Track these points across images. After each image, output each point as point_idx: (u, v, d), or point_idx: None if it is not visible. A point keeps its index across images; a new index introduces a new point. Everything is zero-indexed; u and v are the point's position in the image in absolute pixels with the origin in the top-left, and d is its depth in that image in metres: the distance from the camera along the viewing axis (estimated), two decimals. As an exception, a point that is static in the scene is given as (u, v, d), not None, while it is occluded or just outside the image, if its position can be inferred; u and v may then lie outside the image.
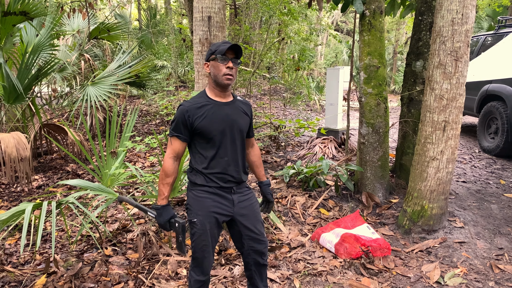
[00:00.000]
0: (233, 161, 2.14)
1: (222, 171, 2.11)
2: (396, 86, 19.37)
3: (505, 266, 3.06)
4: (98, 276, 2.92)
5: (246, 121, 2.21)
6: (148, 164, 5.53)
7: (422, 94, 4.14)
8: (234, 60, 2.06)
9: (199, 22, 4.06)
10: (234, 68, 2.08)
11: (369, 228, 3.49)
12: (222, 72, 2.04)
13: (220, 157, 2.10)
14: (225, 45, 2.03)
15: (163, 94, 8.47)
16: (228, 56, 2.05)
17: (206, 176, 2.11)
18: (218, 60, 2.03)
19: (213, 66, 2.07)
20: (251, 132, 2.35)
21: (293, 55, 10.17)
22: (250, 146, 2.40)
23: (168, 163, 2.10)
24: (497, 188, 4.62)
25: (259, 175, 2.44)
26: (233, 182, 2.16)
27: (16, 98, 4.86)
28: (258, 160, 2.43)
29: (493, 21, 12.77)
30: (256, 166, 2.43)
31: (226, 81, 2.05)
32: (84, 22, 7.47)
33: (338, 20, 23.61)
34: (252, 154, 2.41)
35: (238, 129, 2.14)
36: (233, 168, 2.14)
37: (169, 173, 2.10)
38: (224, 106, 2.12)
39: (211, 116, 2.07)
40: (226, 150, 2.11)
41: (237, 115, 2.15)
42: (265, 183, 2.42)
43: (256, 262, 2.28)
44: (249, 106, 2.29)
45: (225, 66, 2.04)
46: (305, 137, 7.37)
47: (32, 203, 2.73)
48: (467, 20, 3.17)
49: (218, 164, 2.10)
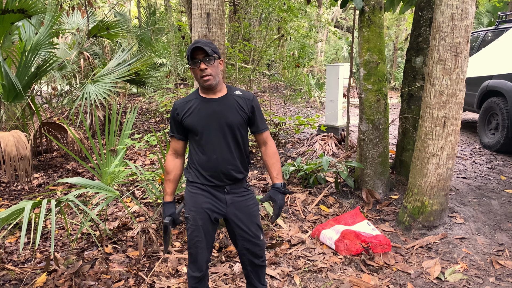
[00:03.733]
0: (224, 159, 2.07)
1: (212, 169, 2.08)
2: (396, 83, 19.33)
3: (505, 262, 3.06)
4: (99, 274, 2.92)
5: (238, 116, 2.08)
6: (148, 162, 5.53)
7: (422, 90, 4.14)
8: (206, 59, 1.98)
9: (198, 19, 4.05)
10: (210, 67, 2.00)
11: (369, 225, 3.49)
12: (198, 77, 2.02)
13: (208, 154, 2.07)
14: (190, 50, 1.97)
15: (163, 92, 8.46)
16: (198, 57, 1.98)
17: (198, 173, 2.12)
18: (190, 66, 2.02)
19: (192, 71, 2.06)
20: (257, 127, 2.19)
21: (293, 52, 10.14)
22: (262, 143, 2.23)
23: (167, 160, 2.17)
24: (498, 184, 4.62)
25: (270, 177, 2.24)
26: (226, 180, 2.10)
27: (15, 96, 4.86)
28: (270, 160, 2.21)
29: (493, 17, 12.72)
30: (267, 166, 2.23)
31: (204, 83, 2.02)
32: (83, 20, 7.45)
33: (338, 17, 23.54)
34: (264, 153, 2.23)
35: (227, 124, 2.05)
36: (224, 165, 2.07)
37: (168, 170, 2.17)
38: (212, 102, 2.07)
39: (197, 112, 2.06)
40: (214, 148, 2.06)
41: (227, 111, 2.06)
42: (275, 186, 2.19)
43: (251, 263, 2.25)
44: (248, 100, 2.14)
45: (198, 69, 2.00)
46: (305, 134, 7.36)
47: (32, 201, 2.73)
48: (466, 15, 3.15)
49: (208, 162, 2.08)
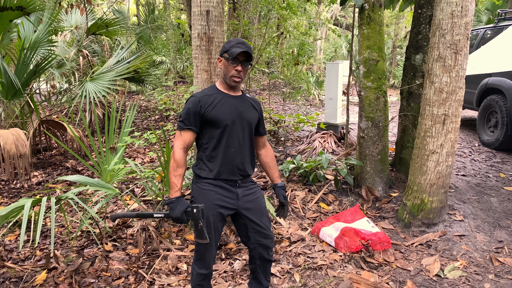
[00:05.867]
0: (240, 153, 2.14)
1: (228, 162, 2.11)
2: (395, 81, 19.34)
3: (504, 259, 3.06)
4: (99, 272, 2.92)
5: (254, 115, 2.22)
6: (148, 160, 5.52)
7: (422, 88, 4.14)
8: (245, 64, 2.08)
9: (197, 16, 4.04)
10: (243, 71, 2.10)
11: (369, 222, 3.49)
12: (230, 74, 2.09)
13: (227, 147, 2.10)
14: (238, 48, 2.03)
15: (162, 90, 8.45)
16: (239, 58, 2.06)
17: (213, 167, 2.11)
18: (228, 61, 2.06)
19: (224, 64, 2.11)
20: (262, 129, 2.33)
21: (292, 50, 10.12)
22: (262, 146, 2.38)
23: (179, 154, 2.07)
24: (497, 181, 4.62)
25: (272, 177, 2.39)
26: (238, 175, 2.15)
27: (14, 94, 4.85)
28: (271, 161, 2.38)
29: (492, 15, 12.72)
30: (269, 167, 2.38)
31: (232, 82, 2.11)
32: (82, 17, 7.42)
33: (337, 15, 23.52)
34: (265, 155, 2.38)
35: (247, 121, 2.16)
36: (239, 159, 2.14)
37: (180, 164, 2.07)
38: (233, 98, 2.16)
39: (221, 105, 2.10)
40: (233, 141, 2.12)
41: (246, 108, 2.18)
42: (279, 185, 2.36)
43: (261, 257, 2.28)
44: (257, 103, 2.30)
45: (234, 68, 2.07)
46: (304, 131, 7.36)
47: (32, 199, 2.73)
48: (466, 13, 3.15)
49: (225, 154, 2.10)
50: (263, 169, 2.42)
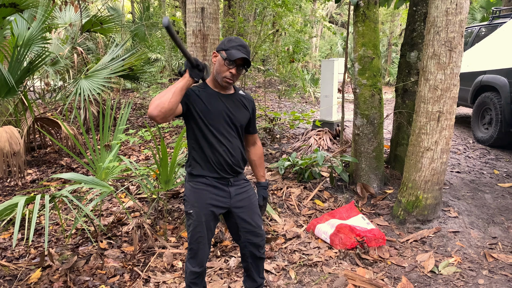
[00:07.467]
0: (230, 151, 2.12)
1: (218, 160, 2.10)
2: (390, 78, 19.37)
3: (498, 255, 3.09)
4: (94, 269, 2.92)
5: (244, 115, 2.18)
6: (143, 157, 5.50)
7: (417, 85, 4.15)
8: (239, 69, 2.04)
9: (192, 13, 4.03)
10: (237, 75, 2.06)
11: (364, 219, 3.50)
12: (224, 74, 2.04)
13: (216, 145, 2.08)
14: (238, 52, 1.99)
15: (157, 87, 8.42)
16: (237, 62, 2.02)
17: (204, 165, 2.10)
18: (225, 61, 2.00)
19: (218, 62, 2.05)
20: (252, 128, 2.30)
21: (287, 47, 10.13)
22: (251, 144, 2.37)
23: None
24: (491, 178, 4.65)
25: (257, 176, 2.39)
26: (230, 173, 2.14)
27: (7, 91, 4.81)
28: (258, 160, 2.38)
29: (487, 12, 12.77)
30: (255, 165, 2.38)
31: (224, 83, 2.06)
32: (76, 15, 7.38)
33: (333, 12, 23.53)
34: (253, 152, 2.37)
35: (235, 121, 2.12)
36: (230, 158, 2.12)
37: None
38: (222, 97, 2.12)
39: (210, 103, 2.07)
40: (222, 140, 2.09)
41: (235, 108, 2.14)
42: (262, 184, 2.37)
43: (252, 255, 2.28)
44: (251, 101, 2.25)
45: (228, 70, 2.02)
46: (300, 129, 7.37)
47: (25, 197, 2.71)
48: (461, 10, 3.16)
49: (215, 152, 2.09)
50: (250, 166, 2.41)
